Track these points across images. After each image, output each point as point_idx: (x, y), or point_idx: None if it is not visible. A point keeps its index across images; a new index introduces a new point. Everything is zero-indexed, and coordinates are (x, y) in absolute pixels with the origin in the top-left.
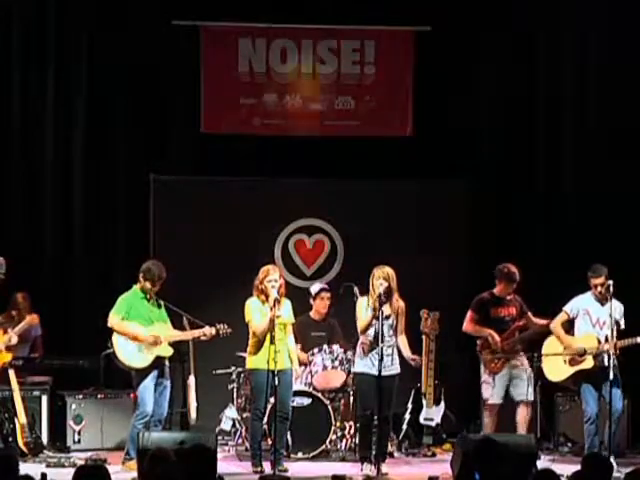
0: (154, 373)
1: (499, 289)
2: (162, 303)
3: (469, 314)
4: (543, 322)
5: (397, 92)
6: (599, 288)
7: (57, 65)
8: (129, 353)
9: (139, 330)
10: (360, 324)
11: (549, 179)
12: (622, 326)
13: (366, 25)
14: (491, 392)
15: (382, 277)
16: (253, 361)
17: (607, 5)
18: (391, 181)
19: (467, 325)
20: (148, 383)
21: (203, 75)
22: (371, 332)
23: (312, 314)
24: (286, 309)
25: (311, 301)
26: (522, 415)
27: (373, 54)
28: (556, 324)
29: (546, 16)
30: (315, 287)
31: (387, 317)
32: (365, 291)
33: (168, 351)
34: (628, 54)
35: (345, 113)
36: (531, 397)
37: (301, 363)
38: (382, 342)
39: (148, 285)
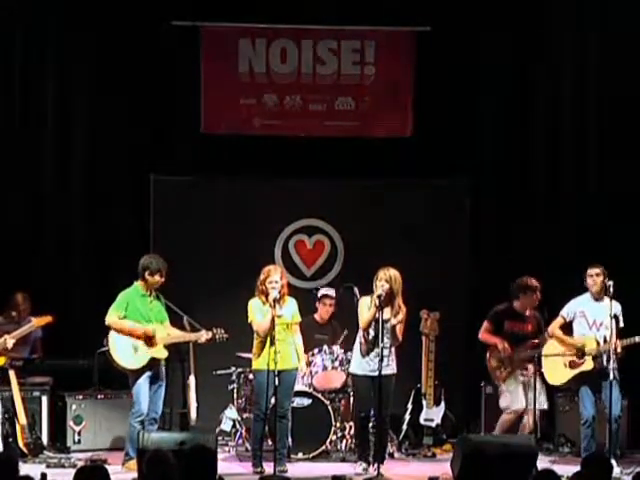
0: (148, 373)
1: (518, 303)
2: (163, 299)
3: (484, 324)
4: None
5: (397, 92)
6: (593, 278)
7: (57, 65)
8: (123, 354)
9: (136, 325)
10: (362, 321)
11: (549, 179)
12: (621, 324)
13: (366, 25)
14: (511, 399)
15: (384, 279)
16: (256, 362)
17: (607, 5)
18: (391, 181)
19: (480, 334)
20: (142, 382)
21: (203, 75)
22: (371, 332)
23: (316, 316)
24: (290, 308)
25: (317, 303)
26: (531, 422)
27: (373, 54)
28: (554, 329)
29: (546, 16)
30: (321, 290)
31: (386, 320)
32: (365, 291)
33: (163, 353)
34: (628, 54)
35: (345, 113)
36: (546, 405)
37: None
38: (382, 342)
39: (157, 278)
